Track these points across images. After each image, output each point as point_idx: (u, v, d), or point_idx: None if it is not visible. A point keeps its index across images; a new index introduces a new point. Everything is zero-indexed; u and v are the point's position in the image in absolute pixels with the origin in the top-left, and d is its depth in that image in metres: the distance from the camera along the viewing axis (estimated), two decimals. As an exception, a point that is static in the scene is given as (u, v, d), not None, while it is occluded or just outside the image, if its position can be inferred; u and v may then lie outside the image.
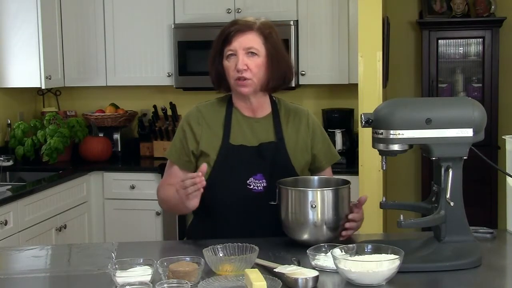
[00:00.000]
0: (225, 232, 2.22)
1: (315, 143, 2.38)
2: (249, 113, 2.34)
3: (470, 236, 2.00)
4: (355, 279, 1.76)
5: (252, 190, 2.26)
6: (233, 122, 2.32)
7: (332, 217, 2.09)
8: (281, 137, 2.32)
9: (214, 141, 2.30)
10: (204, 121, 2.33)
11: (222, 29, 2.30)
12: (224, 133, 2.30)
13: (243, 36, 2.24)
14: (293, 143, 2.33)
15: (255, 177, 2.27)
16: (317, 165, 2.41)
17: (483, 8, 4.71)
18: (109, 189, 4.41)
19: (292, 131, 2.35)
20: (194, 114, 2.36)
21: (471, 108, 1.95)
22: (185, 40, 4.45)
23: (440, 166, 1.97)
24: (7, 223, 3.50)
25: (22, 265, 2.14)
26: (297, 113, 2.39)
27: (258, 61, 2.25)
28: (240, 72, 2.22)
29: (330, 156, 2.43)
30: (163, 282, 1.73)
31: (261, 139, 2.31)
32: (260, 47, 2.25)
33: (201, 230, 2.36)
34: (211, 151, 2.29)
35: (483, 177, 4.52)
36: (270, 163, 2.28)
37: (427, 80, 4.73)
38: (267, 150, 2.29)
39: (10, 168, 4.36)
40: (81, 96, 5.03)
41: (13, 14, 4.35)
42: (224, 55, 2.27)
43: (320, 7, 4.32)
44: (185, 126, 2.36)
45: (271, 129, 2.33)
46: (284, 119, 2.36)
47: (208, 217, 2.32)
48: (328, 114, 4.48)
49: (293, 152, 2.32)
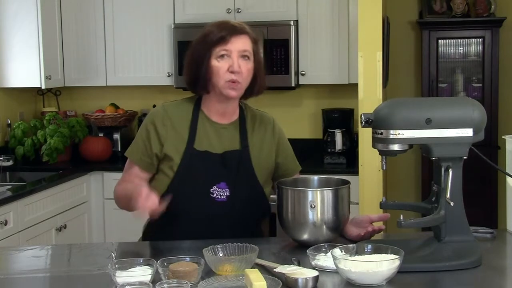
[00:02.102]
0: (185, 238, 2.18)
1: (280, 152, 2.36)
2: (216, 118, 2.28)
3: (470, 236, 1.99)
4: (355, 279, 1.76)
5: (215, 199, 2.22)
6: (199, 126, 2.26)
7: (332, 217, 2.09)
8: (246, 145, 2.28)
9: (179, 145, 2.24)
10: (170, 122, 2.26)
11: (208, 30, 2.23)
12: (189, 137, 2.24)
13: (239, 38, 2.20)
14: (257, 151, 2.29)
15: (218, 185, 2.22)
16: (281, 173, 2.37)
17: (483, 8, 4.71)
18: (109, 189, 4.41)
19: (257, 139, 2.31)
20: (159, 113, 2.28)
21: (471, 108, 1.95)
22: (185, 40, 4.44)
23: (440, 166, 1.97)
24: (7, 223, 3.50)
25: (22, 265, 2.14)
26: (263, 121, 2.36)
27: (249, 66, 2.22)
28: (235, 74, 2.18)
29: (293, 166, 2.41)
30: (163, 282, 1.73)
31: (226, 146, 2.26)
32: (251, 51, 2.23)
33: (159, 232, 2.30)
34: (175, 154, 2.23)
35: (483, 177, 4.52)
36: (234, 171, 2.24)
37: (427, 80, 4.74)
38: (232, 159, 2.24)
39: (10, 168, 4.36)
40: (81, 96, 5.03)
41: (13, 14, 4.35)
42: (214, 55, 2.19)
43: (320, 7, 4.32)
44: (149, 126, 2.27)
45: (237, 136, 2.29)
46: (250, 126, 2.32)
47: (168, 222, 2.24)
48: (328, 114, 4.48)
49: (257, 161, 2.28)
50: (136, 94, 4.94)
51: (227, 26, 2.22)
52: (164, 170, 2.26)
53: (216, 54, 2.20)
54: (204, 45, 2.22)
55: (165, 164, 2.25)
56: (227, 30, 2.20)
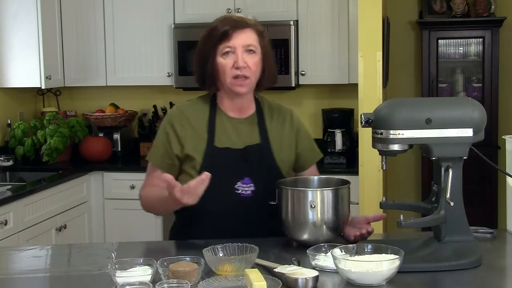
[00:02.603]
0: (216, 237, 2.14)
1: (299, 142, 2.35)
2: (234, 114, 2.29)
3: (470, 236, 1.99)
4: (355, 279, 1.76)
5: (240, 195, 2.22)
6: (217, 123, 2.26)
7: (332, 217, 2.09)
8: (266, 138, 2.28)
9: (199, 144, 2.24)
10: (187, 122, 2.26)
11: (212, 26, 2.22)
12: (209, 135, 2.24)
13: (242, 33, 2.18)
14: (278, 143, 2.29)
15: (242, 181, 2.22)
16: (301, 164, 2.37)
17: (483, 8, 4.71)
18: (109, 189, 4.42)
19: (277, 131, 2.31)
20: (176, 115, 2.29)
21: (471, 108, 1.95)
22: (185, 40, 4.45)
23: (440, 166, 1.96)
24: (7, 223, 3.50)
25: (22, 265, 2.14)
26: (281, 112, 2.36)
27: (256, 59, 2.21)
28: (240, 69, 2.17)
29: (313, 154, 2.41)
30: (163, 282, 1.73)
31: (246, 141, 2.26)
32: (257, 44, 2.21)
33: (185, 234, 2.30)
34: (196, 154, 2.23)
35: (483, 177, 4.52)
36: (256, 166, 2.24)
37: (427, 80, 4.74)
38: (253, 153, 2.24)
39: (10, 168, 4.36)
40: (81, 96, 5.03)
41: (13, 14, 4.35)
42: (219, 52, 2.19)
43: (320, 7, 4.33)
44: (167, 128, 2.27)
45: (256, 130, 2.28)
46: (268, 118, 2.32)
47: (195, 222, 2.26)
48: (328, 114, 4.48)
49: (278, 153, 2.28)
50: (136, 94, 4.94)
51: (229, 21, 2.21)
52: (187, 171, 2.26)
53: (220, 51, 2.19)
54: (208, 42, 2.21)
55: (187, 165, 2.25)
56: (229, 25, 2.19)
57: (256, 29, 2.23)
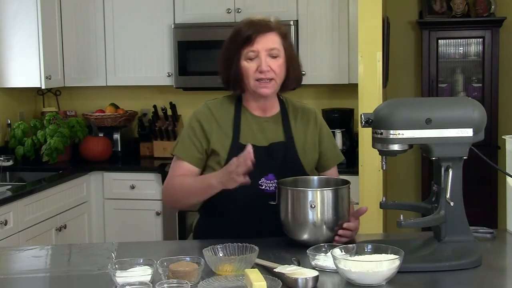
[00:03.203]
0: (237, 233, 2.18)
1: (322, 141, 2.39)
2: (258, 113, 2.33)
3: (470, 236, 2.00)
4: (355, 279, 1.76)
5: (264, 190, 2.25)
6: (243, 121, 2.31)
7: (332, 217, 2.09)
8: (290, 136, 2.31)
9: (224, 140, 2.28)
10: (214, 119, 2.30)
11: (236, 29, 2.26)
12: (234, 132, 2.28)
13: (265, 37, 2.22)
14: (301, 142, 2.33)
15: (266, 177, 2.25)
16: (323, 163, 2.40)
17: (483, 8, 4.71)
18: (109, 189, 4.41)
19: (301, 130, 2.35)
20: (203, 111, 2.33)
21: (471, 108, 1.95)
22: (185, 40, 4.45)
23: (440, 166, 1.97)
24: (7, 223, 3.50)
25: (22, 265, 2.14)
26: (305, 112, 2.40)
27: (279, 62, 2.24)
28: (264, 73, 2.20)
29: (335, 156, 2.44)
30: (163, 282, 1.73)
31: (271, 138, 2.30)
32: (280, 47, 2.24)
33: (209, 230, 2.32)
34: (221, 150, 2.27)
35: (483, 177, 4.52)
36: (280, 163, 2.27)
37: (427, 80, 4.74)
38: (277, 150, 2.28)
39: (10, 168, 4.36)
40: (81, 96, 5.03)
41: (13, 14, 4.35)
42: (243, 56, 2.23)
43: (320, 7, 4.33)
44: (194, 123, 2.31)
45: (280, 129, 2.33)
46: (292, 118, 2.36)
47: (219, 218, 2.30)
48: (328, 114, 4.48)
49: (302, 151, 2.32)
50: (136, 94, 4.94)
51: (252, 25, 2.24)
52: (212, 166, 2.29)
53: (244, 55, 2.23)
54: (232, 46, 2.25)
55: (212, 160, 2.28)
56: (253, 29, 2.22)
57: (280, 32, 2.26)
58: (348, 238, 2.13)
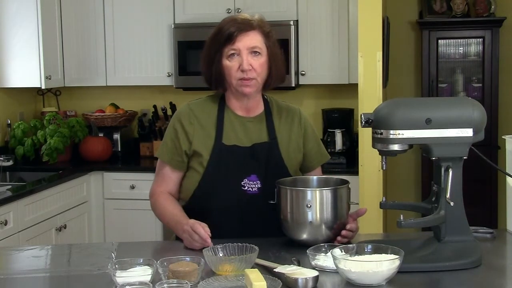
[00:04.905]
0: (220, 235, 2.15)
1: (306, 142, 2.36)
2: (242, 113, 2.31)
3: (470, 236, 1.99)
4: (355, 279, 1.76)
5: (247, 191, 2.24)
6: (226, 121, 2.28)
7: (331, 217, 2.09)
8: (274, 137, 2.29)
9: (207, 141, 2.26)
10: (196, 120, 2.28)
11: (218, 27, 2.25)
12: (217, 133, 2.26)
13: (246, 36, 2.20)
14: (286, 142, 2.31)
15: (249, 178, 2.24)
16: (307, 164, 2.38)
17: (483, 8, 4.71)
18: (109, 189, 4.41)
19: (285, 130, 2.33)
20: (185, 112, 2.31)
21: (471, 108, 1.95)
22: (185, 40, 4.45)
23: (440, 166, 1.96)
24: (7, 223, 3.50)
25: (22, 265, 2.14)
26: (289, 112, 2.37)
27: (261, 61, 2.22)
28: (245, 72, 2.19)
29: (320, 156, 2.42)
30: (163, 282, 1.73)
31: (254, 139, 2.28)
32: (262, 46, 2.23)
33: None
34: (204, 151, 2.25)
35: (483, 177, 4.53)
36: (263, 164, 2.25)
37: (427, 80, 4.74)
38: (261, 151, 2.26)
39: (10, 168, 4.36)
40: (81, 96, 5.03)
41: (13, 14, 4.35)
42: (225, 54, 2.22)
43: (320, 7, 4.33)
44: (176, 125, 2.30)
45: (264, 129, 2.30)
46: (276, 118, 2.33)
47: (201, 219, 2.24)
48: (328, 114, 4.48)
49: (286, 152, 2.30)
50: (136, 94, 4.94)
51: (234, 23, 2.22)
52: (194, 167, 2.28)
53: (226, 53, 2.22)
54: (214, 44, 2.24)
55: (195, 161, 2.27)
56: (234, 27, 2.21)
57: (262, 30, 2.24)
58: (349, 239, 2.13)
